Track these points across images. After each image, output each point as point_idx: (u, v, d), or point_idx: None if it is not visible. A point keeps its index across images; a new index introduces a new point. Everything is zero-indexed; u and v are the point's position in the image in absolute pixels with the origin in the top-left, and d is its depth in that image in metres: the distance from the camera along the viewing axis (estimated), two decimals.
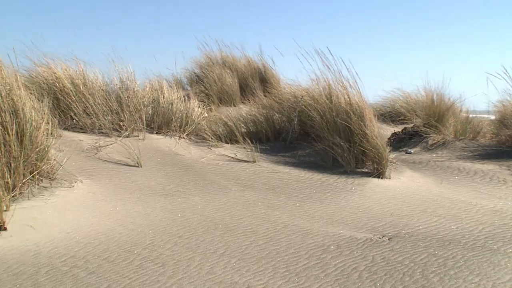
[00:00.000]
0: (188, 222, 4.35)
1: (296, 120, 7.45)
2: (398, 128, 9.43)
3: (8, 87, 4.81)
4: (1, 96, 4.69)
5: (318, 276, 3.27)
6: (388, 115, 11.54)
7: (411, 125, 9.04)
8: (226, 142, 7.46)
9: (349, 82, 6.75)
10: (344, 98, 6.68)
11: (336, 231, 4.16)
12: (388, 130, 9.53)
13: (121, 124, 7.14)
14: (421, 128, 8.38)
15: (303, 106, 7.37)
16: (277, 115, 7.93)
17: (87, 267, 3.38)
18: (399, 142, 8.47)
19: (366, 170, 6.29)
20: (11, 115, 4.70)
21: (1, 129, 4.56)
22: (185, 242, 3.86)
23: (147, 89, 8.10)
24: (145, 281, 3.17)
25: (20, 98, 4.86)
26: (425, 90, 9.61)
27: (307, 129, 7.38)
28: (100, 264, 3.43)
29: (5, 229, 3.88)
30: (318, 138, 6.92)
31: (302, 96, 7.47)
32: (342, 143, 6.39)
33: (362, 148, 6.30)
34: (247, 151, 6.87)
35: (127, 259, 3.51)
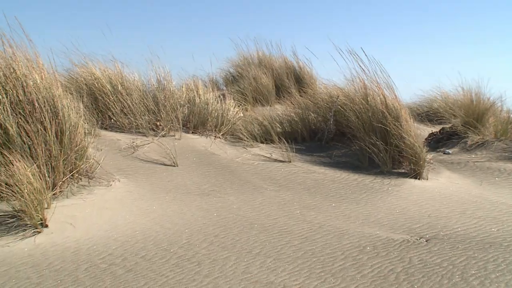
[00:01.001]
0: (223, 221, 4.37)
1: (332, 120, 7.40)
2: (436, 128, 9.25)
3: (48, 87, 4.92)
4: (42, 96, 4.81)
5: (354, 277, 3.24)
6: (425, 115, 11.34)
7: (449, 125, 8.86)
8: (262, 142, 7.46)
9: (384, 82, 6.68)
10: (380, 99, 6.60)
11: (372, 232, 4.12)
12: (425, 130, 9.37)
13: (158, 123, 7.22)
14: (460, 128, 8.20)
15: (339, 106, 7.32)
16: (312, 115, 7.89)
17: (124, 265, 3.43)
18: (436, 143, 8.31)
19: (403, 171, 6.20)
20: (51, 114, 4.81)
21: (41, 129, 4.67)
22: (221, 241, 3.88)
23: (183, 89, 8.17)
24: (181, 280, 3.20)
25: (59, 98, 4.97)
26: (463, 90, 9.41)
27: (343, 129, 7.32)
28: (137, 262, 3.48)
29: (46, 226, 3.98)
30: (354, 138, 6.85)
31: (338, 96, 7.42)
32: (378, 143, 6.31)
33: (398, 149, 6.22)
34: (283, 151, 6.86)
35: (163, 258, 3.55)
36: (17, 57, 4.93)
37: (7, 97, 4.69)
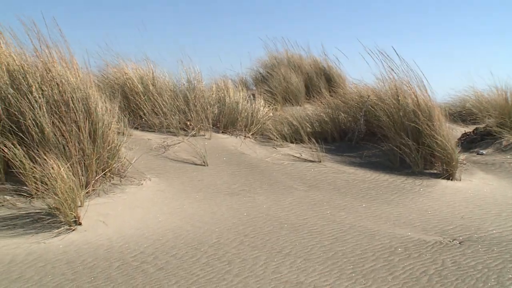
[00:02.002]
0: (253, 221, 4.38)
1: (362, 120, 7.34)
2: (469, 128, 9.08)
3: (83, 87, 5.00)
4: (76, 96, 4.89)
5: (385, 278, 3.21)
6: (458, 114, 11.14)
7: (483, 125, 8.68)
8: (291, 142, 7.45)
9: (415, 82, 6.60)
10: (412, 98, 6.52)
11: (403, 233, 4.07)
12: (458, 130, 9.21)
13: (188, 123, 7.27)
14: (494, 129, 8.03)
15: (369, 106, 7.26)
16: (342, 115, 7.84)
17: (156, 263, 3.47)
18: (470, 143, 8.15)
19: (435, 171, 6.11)
20: (85, 114, 4.89)
21: (75, 128, 4.75)
22: (251, 241, 3.88)
23: (213, 88, 8.20)
24: (212, 279, 3.22)
25: (93, 98, 5.05)
26: (497, 89, 9.21)
27: (374, 129, 7.25)
28: (168, 260, 3.51)
29: (80, 224, 4.05)
30: (384, 138, 6.79)
31: (369, 96, 7.35)
32: (409, 144, 6.23)
33: (430, 149, 6.13)
34: (313, 151, 6.83)
35: (194, 257, 3.58)
36: (53, 57, 5.03)
37: (43, 97, 4.80)
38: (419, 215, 4.58)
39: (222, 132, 7.54)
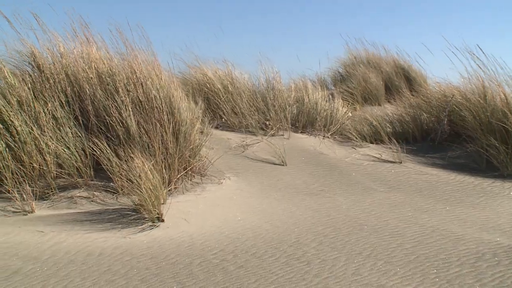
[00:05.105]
0: (333, 221, 4.34)
1: (445, 120, 7.09)
2: None
3: (166, 88, 5.16)
4: (160, 97, 5.05)
5: (472, 285, 3.07)
6: None
7: None
8: (371, 142, 7.32)
9: (504, 80, 6.30)
10: (500, 97, 6.22)
11: (491, 238, 3.88)
12: None
13: (267, 123, 7.32)
14: None
15: (453, 105, 7.00)
16: (425, 115, 7.61)
17: (235, 261, 3.51)
18: None
19: None
20: (168, 114, 5.04)
21: (159, 128, 4.91)
22: (330, 241, 3.85)
23: (292, 88, 8.22)
24: (291, 278, 3.22)
25: (176, 98, 5.20)
26: None
27: (458, 129, 6.98)
28: (248, 259, 3.54)
29: (162, 220, 4.17)
30: (469, 139, 6.52)
31: (453, 95, 7.09)
32: (497, 145, 5.94)
33: None
34: (393, 152, 6.68)
35: (273, 256, 3.59)
36: (138, 59, 5.23)
37: (129, 97, 4.99)
38: (509, 220, 4.36)
39: (301, 132, 7.54)
